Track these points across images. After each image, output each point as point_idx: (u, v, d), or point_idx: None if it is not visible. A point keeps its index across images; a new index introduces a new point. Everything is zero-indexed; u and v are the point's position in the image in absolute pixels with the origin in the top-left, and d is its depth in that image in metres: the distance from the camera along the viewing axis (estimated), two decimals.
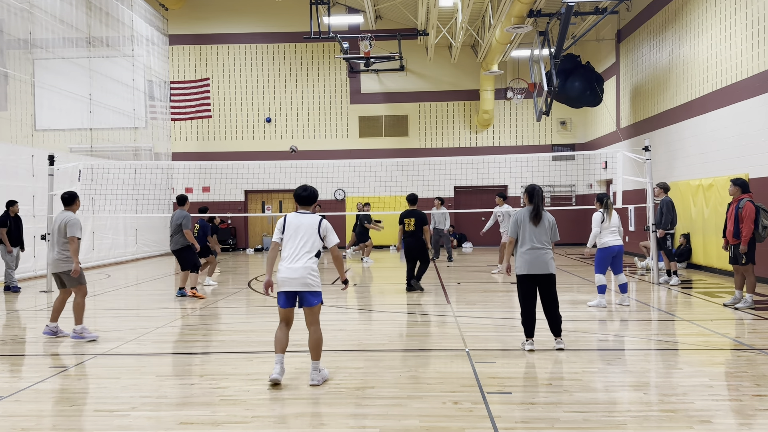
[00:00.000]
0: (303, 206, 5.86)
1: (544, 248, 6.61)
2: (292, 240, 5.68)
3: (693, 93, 14.60)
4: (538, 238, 6.60)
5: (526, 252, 6.60)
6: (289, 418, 4.72)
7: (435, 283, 12.65)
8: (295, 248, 5.64)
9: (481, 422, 4.50)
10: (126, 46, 20.09)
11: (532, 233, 6.62)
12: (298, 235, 5.68)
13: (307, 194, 5.84)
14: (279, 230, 5.77)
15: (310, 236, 5.68)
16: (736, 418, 4.60)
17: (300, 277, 5.55)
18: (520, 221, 6.68)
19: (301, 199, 5.85)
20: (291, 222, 5.74)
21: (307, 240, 5.65)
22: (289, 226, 5.72)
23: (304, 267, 5.58)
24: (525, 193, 6.82)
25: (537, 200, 6.67)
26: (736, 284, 9.28)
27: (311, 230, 5.69)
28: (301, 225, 5.71)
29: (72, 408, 5.02)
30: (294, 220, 5.74)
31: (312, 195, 5.85)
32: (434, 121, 23.89)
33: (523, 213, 6.73)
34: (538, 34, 17.69)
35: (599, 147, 21.44)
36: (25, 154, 14.45)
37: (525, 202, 6.81)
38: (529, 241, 6.61)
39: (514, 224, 6.71)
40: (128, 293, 12.35)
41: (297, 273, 5.55)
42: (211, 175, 23.01)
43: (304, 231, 5.68)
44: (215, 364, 6.34)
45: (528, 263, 6.57)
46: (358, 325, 8.64)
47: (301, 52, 23.83)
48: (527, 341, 6.67)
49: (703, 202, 13.71)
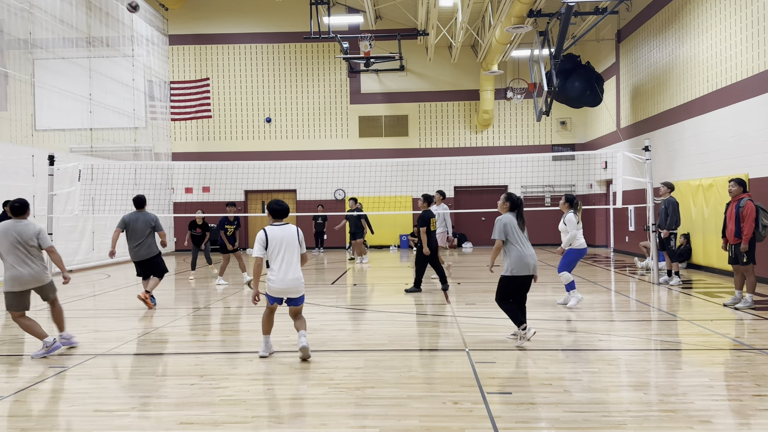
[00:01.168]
0: (277, 219, 6.43)
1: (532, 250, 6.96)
2: (278, 253, 6.26)
3: (693, 93, 14.60)
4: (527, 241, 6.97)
5: (526, 255, 6.86)
6: (289, 418, 4.72)
7: (435, 283, 12.65)
8: (283, 261, 6.26)
9: (481, 422, 4.49)
10: (126, 46, 20.10)
11: (522, 237, 6.93)
12: (282, 247, 6.27)
13: (280, 208, 6.42)
14: (262, 245, 6.26)
15: (294, 247, 6.34)
16: (736, 418, 4.60)
17: (293, 288, 6.32)
18: (510, 225, 6.91)
19: (277, 212, 6.42)
20: (274, 236, 6.29)
21: (292, 251, 6.31)
22: (272, 240, 6.27)
23: (295, 278, 6.30)
24: (507, 202, 7.06)
25: (521, 209, 7.04)
26: (735, 284, 9.28)
27: (293, 241, 6.34)
28: (283, 237, 6.30)
29: (72, 408, 5.02)
30: (276, 234, 6.30)
31: (286, 209, 6.46)
32: (434, 121, 23.89)
33: (511, 218, 6.98)
34: (538, 34, 17.70)
35: (599, 147, 21.44)
36: (25, 154, 14.45)
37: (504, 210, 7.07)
38: (526, 243, 6.94)
39: (502, 228, 6.89)
40: (128, 293, 12.34)
41: (291, 284, 6.29)
42: (211, 175, 23.02)
43: (287, 243, 6.30)
44: (215, 364, 6.33)
45: (525, 266, 6.84)
46: (358, 325, 8.64)
47: (301, 52, 23.83)
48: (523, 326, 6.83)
49: (703, 202, 13.71)
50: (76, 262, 16.46)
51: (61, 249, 15.13)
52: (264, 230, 6.35)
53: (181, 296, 11.92)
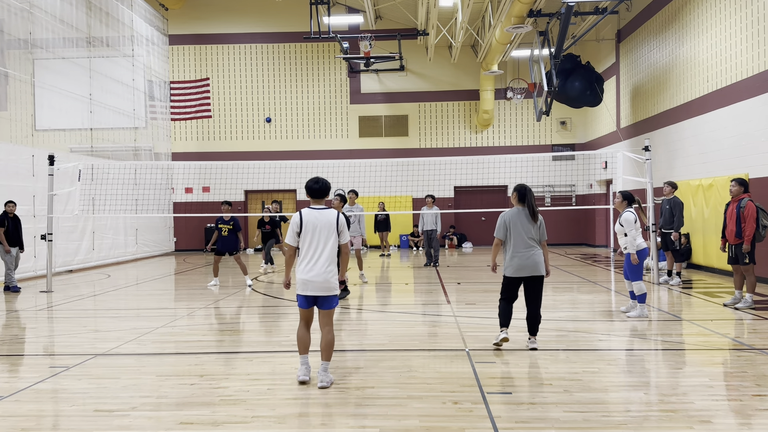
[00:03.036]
0: (316, 200, 5.59)
1: (534, 248, 6.51)
2: (310, 240, 5.46)
3: (693, 93, 14.59)
4: (528, 239, 6.50)
5: (516, 255, 6.50)
6: (289, 418, 4.72)
7: (435, 283, 12.66)
8: (315, 249, 5.44)
9: (481, 422, 4.49)
10: (126, 46, 20.09)
11: (523, 234, 6.51)
12: (315, 234, 5.46)
13: (318, 186, 5.58)
14: (295, 230, 5.50)
15: (329, 235, 5.47)
16: (736, 418, 4.60)
17: (322, 281, 5.42)
18: (508, 222, 6.55)
19: (314, 192, 5.58)
20: (308, 220, 5.48)
21: (326, 239, 5.45)
22: (306, 225, 5.48)
23: (326, 271, 5.42)
24: (515, 193, 6.63)
25: (530, 199, 6.56)
26: (735, 284, 9.28)
27: (329, 228, 5.48)
28: (318, 223, 5.47)
29: (72, 408, 5.02)
30: (311, 218, 5.49)
31: (324, 188, 5.58)
32: (434, 121, 23.88)
33: (512, 214, 6.59)
34: (538, 34, 17.69)
35: (599, 147, 21.44)
36: (25, 154, 14.44)
37: (515, 202, 6.65)
38: (520, 243, 6.51)
39: (502, 226, 6.59)
40: (128, 293, 12.35)
41: (319, 277, 5.41)
42: (211, 175, 23.01)
43: (321, 229, 5.47)
44: (215, 364, 6.33)
45: (519, 267, 6.50)
46: (358, 325, 8.64)
47: (301, 52, 23.83)
48: (502, 330, 6.60)
49: (703, 202, 13.71)
50: (76, 262, 16.46)
51: (61, 249, 15.21)
52: (300, 213, 5.57)
53: (181, 296, 11.93)
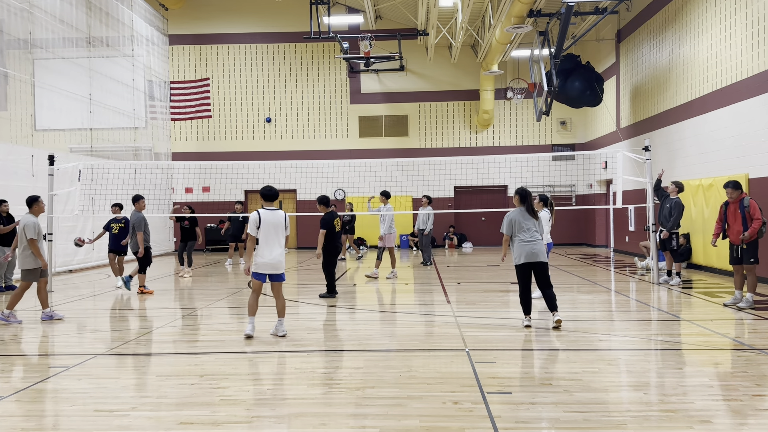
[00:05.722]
0: (268, 203, 7.44)
1: (537, 239, 7.74)
2: (266, 234, 7.26)
3: (693, 93, 14.59)
4: (531, 231, 7.76)
5: (524, 245, 7.72)
6: (289, 418, 4.72)
7: (435, 283, 12.66)
8: (271, 241, 7.27)
9: (481, 422, 4.49)
10: (126, 46, 20.09)
11: (526, 228, 7.74)
12: (271, 229, 7.27)
13: (271, 193, 7.46)
14: (255, 225, 7.24)
15: (280, 229, 7.34)
16: (736, 418, 4.60)
17: (276, 263, 7.30)
18: (513, 220, 7.80)
19: (267, 197, 7.45)
20: (265, 218, 7.29)
21: (278, 233, 7.32)
22: (264, 222, 7.27)
23: (279, 255, 7.30)
24: (517, 195, 7.92)
25: (530, 200, 7.89)
26: (735, 284, 9.29)
27: (280, 224, 7.34)
28: (272, 221, 7.29)
29: (72, 408, 5.02)
30: (267, 217, 7.30)
31: (276, 193, 7.47)
32: (434, 121, 23.88)
33: (516, 213, 7.86)
34: (538, 34, 17.69)
35: (599, 147, 21.44)
36: (25, 154, 14.44)
37: (516, 203, 7.93)
38: (525, 235, 7.73)
39: (509, 223, 7.81)
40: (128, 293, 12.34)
41: (274, 260, 7.29)
42: (211, 175, 23.01)
43: (275, 225, 7.30)
44: (215, 364, 6.33)
45: (526, 254, 7.69)
46: (358, 325, 8.64)
47: (301, 52, 23.83)
48: (526, 318, 7.81)
49: (703, 202, 13.71)
50: (76, 262, 16.46)
51: (61, 249, 15.19)
52: (258, 212, 7.30)
53: (181, 296, 11.92)
